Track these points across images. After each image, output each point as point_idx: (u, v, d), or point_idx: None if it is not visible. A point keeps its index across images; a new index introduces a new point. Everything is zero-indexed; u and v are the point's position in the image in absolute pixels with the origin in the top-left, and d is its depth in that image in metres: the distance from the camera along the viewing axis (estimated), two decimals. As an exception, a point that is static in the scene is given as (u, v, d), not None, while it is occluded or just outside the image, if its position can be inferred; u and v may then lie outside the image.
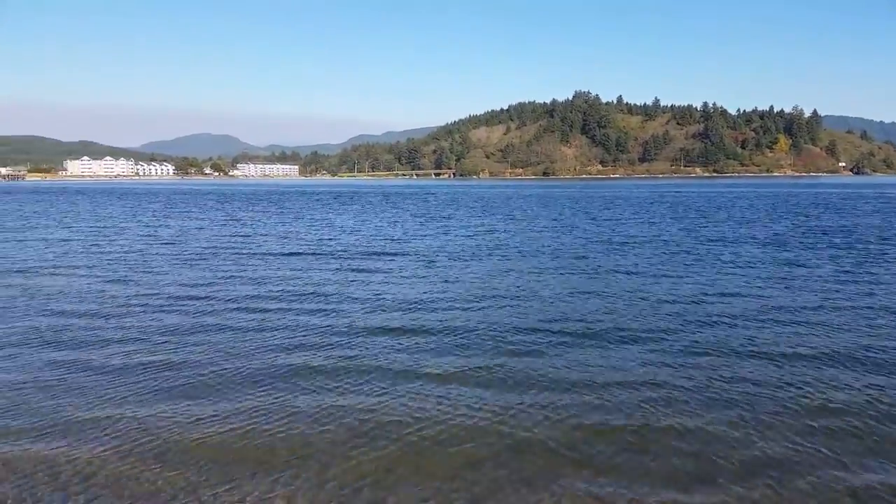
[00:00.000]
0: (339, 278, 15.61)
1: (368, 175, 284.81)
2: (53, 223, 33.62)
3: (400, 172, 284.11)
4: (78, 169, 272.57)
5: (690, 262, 17.89)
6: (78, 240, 25.12)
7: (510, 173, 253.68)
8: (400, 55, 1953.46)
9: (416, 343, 9.66)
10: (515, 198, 66.70)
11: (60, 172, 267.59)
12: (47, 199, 63.51)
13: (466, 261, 18.63)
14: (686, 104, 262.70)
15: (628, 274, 16.00)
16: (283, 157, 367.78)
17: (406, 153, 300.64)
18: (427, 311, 11.79)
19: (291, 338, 10.02)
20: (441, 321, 10.99)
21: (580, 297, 13.17)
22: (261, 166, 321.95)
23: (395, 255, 19.97)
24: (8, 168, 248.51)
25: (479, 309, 11.98)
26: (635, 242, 23.17)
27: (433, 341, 9.75)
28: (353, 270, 16.84)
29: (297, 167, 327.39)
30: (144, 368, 8.53)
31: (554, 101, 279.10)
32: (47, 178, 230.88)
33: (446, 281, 15.20)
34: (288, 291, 13.84)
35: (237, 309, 12.08)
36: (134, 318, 11.39)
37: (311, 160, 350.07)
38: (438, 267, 17.46)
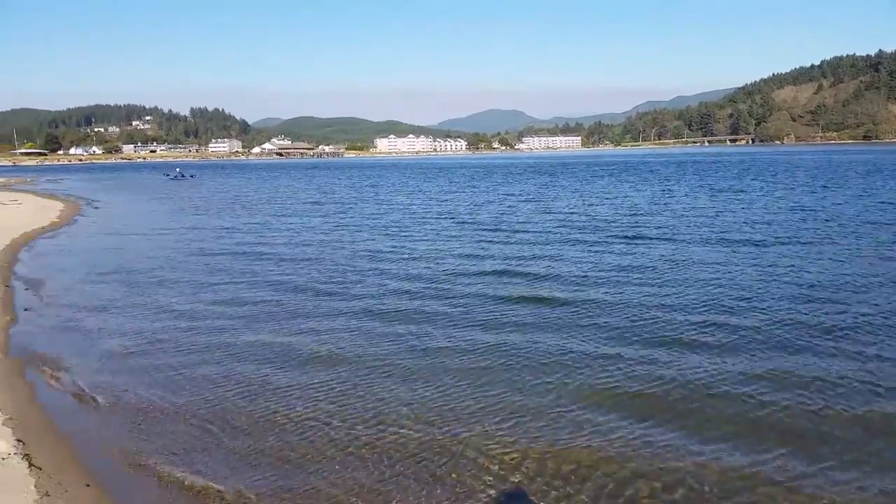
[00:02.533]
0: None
1: (654, 143, 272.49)
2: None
3: (689, 140, 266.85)
4: (385, 146, 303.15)
5: None
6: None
7: (821, 137, 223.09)
8: (689, 17, 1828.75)
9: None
10: (836, 166, 57.46)
11: (371, 150, 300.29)
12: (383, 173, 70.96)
13: (787, 245, 15.87)
14: None
15: None
16: (566, 128, 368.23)
17: (697, 119, 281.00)
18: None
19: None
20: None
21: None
22: (544, 139, 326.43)
23: (699, 240, 18.02)
24: (331, 146, 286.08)
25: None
26: None
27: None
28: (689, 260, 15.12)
29: (579, 138, 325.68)
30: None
31: (880, 53, 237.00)
32: (360, 155, 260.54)
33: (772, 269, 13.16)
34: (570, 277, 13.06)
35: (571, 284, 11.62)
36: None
37: (594, 130, 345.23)
38: (759, 253, 15.24)
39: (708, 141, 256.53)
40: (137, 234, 20.83)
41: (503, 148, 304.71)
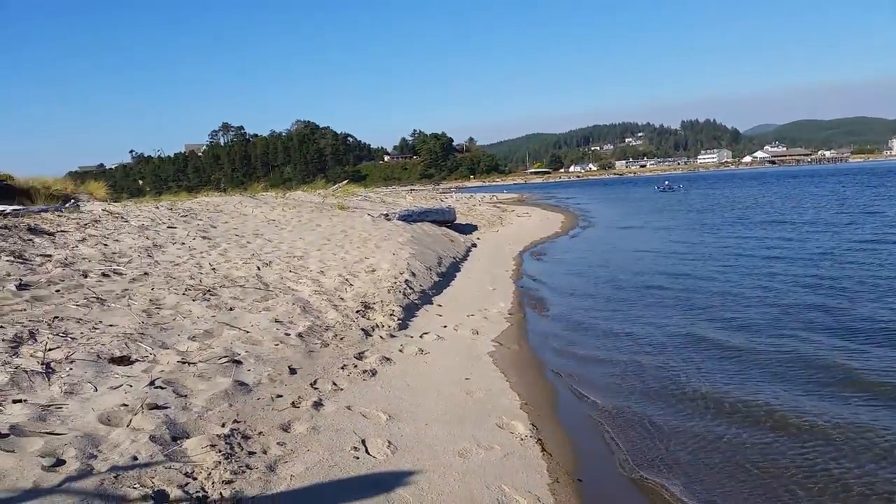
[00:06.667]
0: None
1: None
2: None
3: None
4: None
5: None
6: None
7: None
8: None
9: None
10: None
11: (885, 152, 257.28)
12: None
13: None
14: None
15: None
16: None
17: None
18: None
19: None
20: None
21: None
22: None
23: None
24: (831, 151, 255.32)
25: None
26: None
27: None
28: None
29: None
30: None
31: None
32: (869, 159, 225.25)
33: None
34: None
35: None
36: None
37: None
38: None
39: None
40: (629, 247, 21.56)
41: None
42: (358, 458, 5.08)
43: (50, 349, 6.14)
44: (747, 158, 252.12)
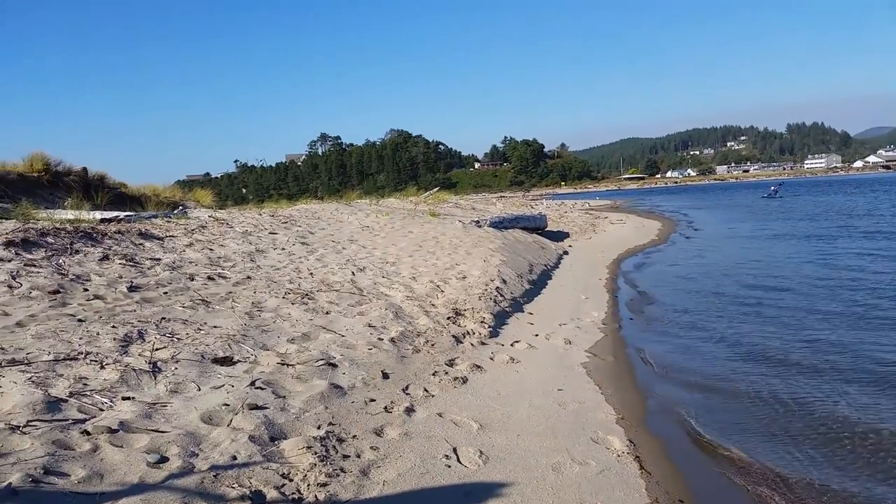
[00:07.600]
0: None
1: None
2: None
3: None
4: None
5: None
6: None
7: None
8: None
9: None
10: None
11: None
12: None
13: None
14: None
15: None
16: None
17: None
18: None
19: None
20: None
21: None
22: None
23: None
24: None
25: None
26: None
27: None
28: None
29: None
30: None
31: None
32: None
33: None
34: None
35: None
36: None
37: None
38: None
39: None
40: (735, 258, 20.26)
41: None
42: (449, 466, 5.02)
43: (157, 349, 6.43)
44: (858, 163, 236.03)
